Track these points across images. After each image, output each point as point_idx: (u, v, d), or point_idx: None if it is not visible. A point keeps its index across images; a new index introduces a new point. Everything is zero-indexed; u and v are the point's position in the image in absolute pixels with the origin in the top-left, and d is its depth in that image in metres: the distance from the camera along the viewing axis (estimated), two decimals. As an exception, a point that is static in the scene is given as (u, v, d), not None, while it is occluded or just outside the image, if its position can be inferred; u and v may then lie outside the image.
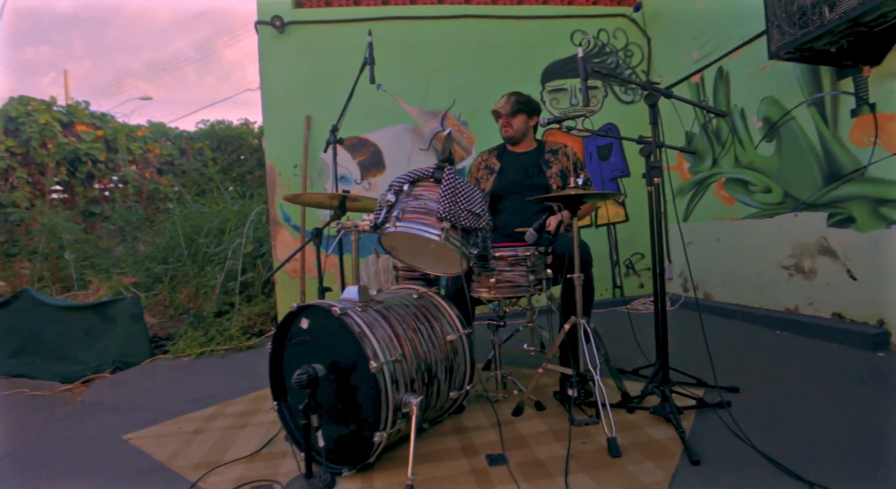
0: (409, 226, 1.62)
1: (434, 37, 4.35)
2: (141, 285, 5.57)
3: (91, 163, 7.93)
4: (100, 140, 8.13)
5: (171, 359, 3.74)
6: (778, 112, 3.15)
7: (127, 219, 7.31)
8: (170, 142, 9.29)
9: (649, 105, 1.85)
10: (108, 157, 8.23)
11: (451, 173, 1.63)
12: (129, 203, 7.69)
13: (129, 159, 8.51)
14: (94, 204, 8.10)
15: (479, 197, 1.72)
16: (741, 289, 3.59)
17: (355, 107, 4.27)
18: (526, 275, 1.96)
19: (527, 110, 2.62)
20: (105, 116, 8.52)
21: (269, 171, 4.13)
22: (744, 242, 3.54)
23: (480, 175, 2.70)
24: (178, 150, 9.29)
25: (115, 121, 8.56)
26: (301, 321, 1.70)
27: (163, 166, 9.03)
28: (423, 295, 1.90)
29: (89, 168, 7.90)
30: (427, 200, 1.66)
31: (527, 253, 1.95)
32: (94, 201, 8.12)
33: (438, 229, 1.61)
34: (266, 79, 4.13)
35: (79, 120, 8.05)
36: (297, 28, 4.17)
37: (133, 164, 8.63)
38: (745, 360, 2.59)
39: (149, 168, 8.90)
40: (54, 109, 7.87)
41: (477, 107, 4.35)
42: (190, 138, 9.49)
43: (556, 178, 2.52)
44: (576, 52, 4.64)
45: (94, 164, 7.97)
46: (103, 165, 8.12)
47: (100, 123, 8.29)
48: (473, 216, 1.66)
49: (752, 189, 3.43)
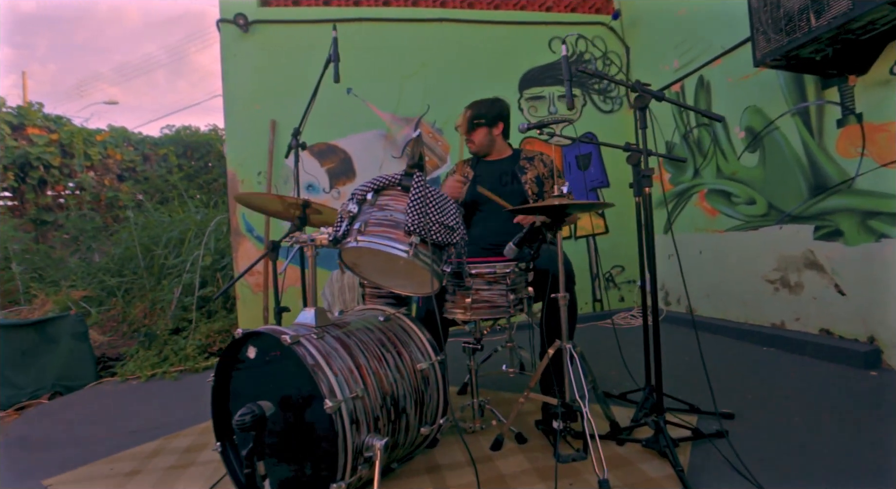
0: (372, 240, 1.41)
1: (408, 40, 4.18)
2: (93, 299, 5.18)
3: (43, 168, 7.46)
4: (54, 144, 7.67)
5: (118, 383, 3.42)
6: (761, 122, 3.06)
7: (81, 227, 6.87)
8: (132, 147, 8.88)
9: (639, 108, 1.70)
10: (64, 162, 7.78)
11: (420, 181, 1.44)
12: (83, 211, 7.24)
13: (87, 165, 8.06)
14: (47, 212, 7.62)
15: (452, 208, 1.53)
16: (725, 303, 3.48)
17: (324, 111, 4.09)
18: (505, 294, 1.77)
19: (486, 122, 2.42)
20: (60, 119, 8.06)
21: (230, 179, 3.87)
22: (727, 255, 3.44)
23: None
24: (140, 156, 8.88)
25: (72, 124, 8.10)
26: (248, 349, 1.47)
27: (124, 173, 8.61)
28: (390, 317, 1.69)
29: (41, 173, 7.43)
30: (394, 211, 1.45)
31: (506, 269, 1.76)
32: (47, 209, 7.64)
33: (406, 244, 1.40)
34: (228, 80, 3.88)
35: (30, 122, 7.58)
36: (263, 27, 3.93)
37: (91, 170, 8.18)
38: (734, 380, 2.45)
39: (108, 174, 8.47)
40: (3, 111, 7.40)
41: (452, 114, 4.17)
42: (154, 144, 9.09)
43: (532, 184, 2.36)
44: (554, 60, 4.55)
45: (46, 170, 7.50)
46: (57, 171, 7.66)
47: (54, 126, 7.83)
48: (446, 229, 1.46)
49: (735, 200, 3.34)
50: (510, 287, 1.78)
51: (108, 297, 5.17)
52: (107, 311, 4.90)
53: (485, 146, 2.44)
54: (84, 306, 4.92)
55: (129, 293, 5.11)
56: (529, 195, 2.33)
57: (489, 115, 2.43)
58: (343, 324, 1.56)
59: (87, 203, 7.88)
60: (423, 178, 1.45)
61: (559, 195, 1.67)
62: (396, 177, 1.48)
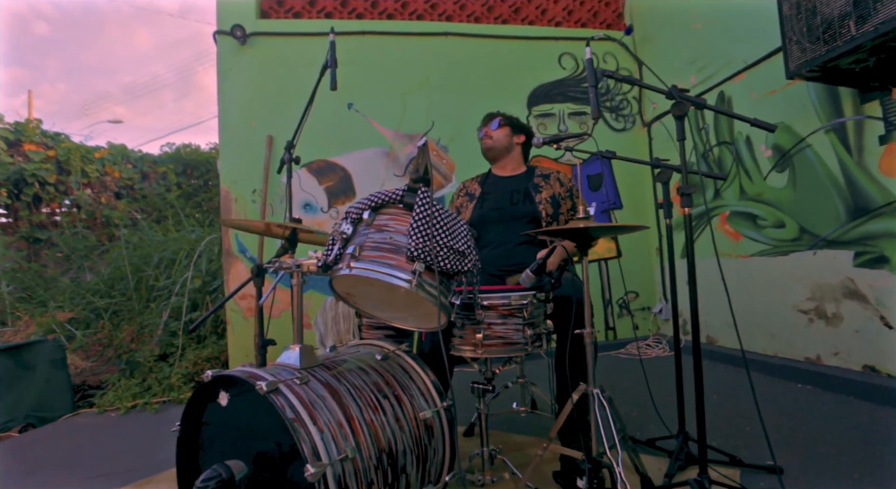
0: (368, 267, 1.19)
1: (412, 55, 4.03)
2: (80, 321, 4.94)
3: (38, 185, 7.31)
4: (50, 161, 7.53)
5: (95, 414, 3.16)
6: (790, 139, 2.86)
7: (73, 246, 6.66)
8: (131, 165, 8.75)
9: (677, 117, 1.49)
10: (60, 179, 7.62)
11: (426, 197, 1.22)
12: (76, 228, 7.04)
13: (84, 182, 7.91)
14: (41, 229, 7.44)
15: (462, 229, 1.31)
16: (751, 334, 3.22)
17: (324, 127, 3.91)
18: (522, 328, 1.53)
19: (511, 124, 2.28)
20: (58, 136, 7.95)
21: (223, 197, 3.67)
22: (753, 282, 3.19)
23: (460, 202, 2.31)
24: (139, 174, 8.76)
25: (70, 141, 7.99)
26: (220, 395, 1.23)
27: (121, 190, 8.46)
28: (388, 355, 1.45)
29: (36, 190, 7.27)
30: (394, 233, 1.23)
31: (523, 301, 1.53)
32: (41, 226, 7.46)
33: (408, 272, 1.18)
34: (224, 94, 3.71)
35: (27, 139, 7.46)
36: (261, 40, 3.79)
37: (88, 188, 8.03)
38: (772, 422, 2.18)
39: (105, 192, 8.32)
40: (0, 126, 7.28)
41: (458, 131, 4.00)
42: (153, 162, 8.98)
43: (547, 205, 2.14)
44: (564, 76, 4.40)
45: (41, 186, 7.35)
46: (53, 188, 7.50)
47: (52, 143, 7.71)
48: (456, 255, 1.24)
49: (761, 223, 3.11)
50: (527, 321, 1.54)
51: (96, 319, 4.93)
52: (93, 335, 4.65)
53: (502, 147, 2.26)
54: (69, 329, 4.68)
55: (117, 315, 4.87)
56: (543, 217, 2.11)
57: (516, 123, 2.31)
58: (333, 364, 1.32)
59: (82, 221, 7.71)
60: (429, 193, 1.23)
61: (584, 217, 1.45)
62: (398, 193, 1.27)
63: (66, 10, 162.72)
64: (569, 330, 1.59)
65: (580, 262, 1.58)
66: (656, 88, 1.59)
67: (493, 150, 2.27)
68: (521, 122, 2.36)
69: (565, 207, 2.19)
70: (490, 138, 2.27)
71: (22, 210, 7.28)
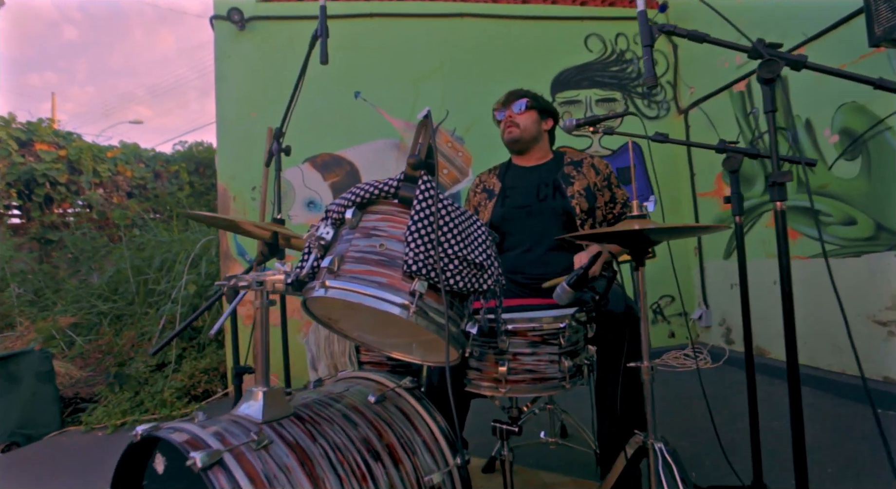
0: (349, 287, 0.86)
1: (425, 38, 3.69)
2: (82, 326, 4.75)
3: (49, 185, 7.19)
4: (62, 160, 7.42)
5: (82, 433, 2.92)
6: (864, 122, 2.45)
7: (81, 247, 6.51)
8: (143, 164, 8.62)
9: (765, 81, 1.13)
10: (71, 179, 7.51)
11: (429, 189, 0.89)
12: (84, 229, 6.90)
13: (96, 182, 7.79)
14: (52, 230, 7.33)
15: (480, 233, 0.97)
16: (812, 347, 2.82)
17: (329, 118, 3.60)
18: (557, 359, 1.19)
19: (538, 107, 1.91)
20: (70, 135, 7.84)
21: (220, 195, 3.39)
22: (815, 288, 2.78)
23: (477, 200, 1.97)
24: (151, 173, 8.62)
25: (81, 140, 7.87)
26: (156, 458, 0.92)
27: (133, 190, 8.33)
28: (385, 396, 1.12)
29: (47, 190, 7.16)
30: (386, 238, 0.90)
31: (559, 324, 1.19)
32: (53, 227, 7.35)
33: (404, 294, 0.85)
34: (222, 84, 3.43)
35: (39, 138, 7.35)
36: (261, 25, 3.49)
37: (100, 187, 7.92)
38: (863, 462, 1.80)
39: (118, 192, 8.20)
40: (13, 127, 7.18)
41: (475, 120, 3.65)
42: (166, 161, 8.83)
43: (581, 199, 1.78)
44: (591, 59, 4.01)
45: (53, 187, 7.23)
46: (64, 188, 7.38)
47: (63, 143, 7.60)
48: (471, 268, 0.91)
49: (826, 220, 2.70)
50: (564, 349, 1.19)
51: (99, 324, 4.73)
52: (93, 341, 4.44)
53: (530, 136, 1.90)
54: (70, 335, 4.48)
55: (119, 320, 4.66)
56: (577, 213, 1.76)
57: (545, 105, 1.94)
58: (309, 414, 0.99)
59: (94, 221, 7.59)
60: (434, 183, 0.90)
61: (641, 215, 1.10)
62: (391, 184, 0.93)
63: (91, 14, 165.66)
64: (617, 360, 1.24)
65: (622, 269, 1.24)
66: (733, 45, 1.23)
67: (519, 142, 1.90)
68: (549, 103, 1.99)
69: (602, 200, 1.83)
70: (516, 125, 1.88)
71: (34, 210, 7.18)
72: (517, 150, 1.95)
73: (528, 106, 1.90)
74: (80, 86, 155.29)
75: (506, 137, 1.92)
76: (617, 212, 1.84)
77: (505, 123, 1.91)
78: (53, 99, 17.82)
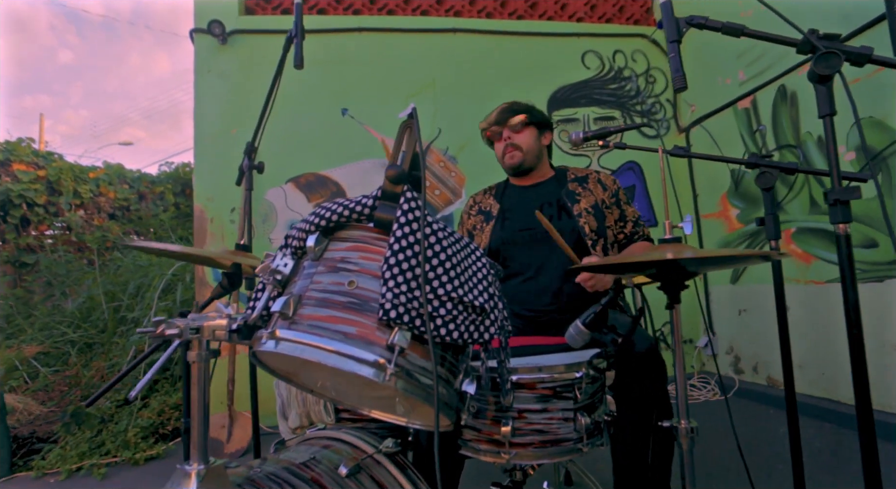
0: (306, 339, 0.64)
1: (416, 54, 3.55)
2: (50, 356, 4.45)
3: (27, 206, 6.94)
4: (40, 181, 7.19)
5: (33, 479, 2.62)
6: (884, 138, 2.30)
7: (55, 271, 6.22)
8: (127, 185, 8.39)
9: (820, 79, 0.95)
10: (50, 200, 7.27)
11: (413, 208, 0.68)
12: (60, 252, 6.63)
13: (76, 203, 7.55)
14: (28, 253, 7.05)
15: (480, 265, 0.77)
16: (829, 378, 2.62)
17: (314, 136, 3.40)
18: (572, 416, 0.98)
19: (536, 122, 1.73)
20: (50, 155, 7.63)
21: (197, 217, 3.17)
22: (831, 314, 2.60)
23: (472, 223, 1.77)
24: (136, 195, 8.39)
25: (62, 160, 7.66)
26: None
27: (116, 211, 8.09)
28: (359, 467, 0.89)
29: (24, 212, 6.90)
30: (359, 274, 0.69)
31: (574, 373, 0.97)
32: (29, 250, 7.07)
33: (379, 349, 0.64)
34: (201, 99, 3.25)
35: (17, 158, 7.13)
36: (243, 39, 3.34)
37: (81, 209, 7.67)
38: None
39: (99, 213, 7.95)
40: (-10, 147, 6.97)
41: (468, 139, 3.49)
42: (151, 182, 8.62)
43: (589, 217, 1.59)
44: (589, 77, 3.89)
45: (30, 208, 6.98)
46: (42, 209, 7.13)
47: (43, 163, 7.38)
48: (470, 313, 0.70)
49: (843, 242, 2.53)
50: (580, 404, 0.98)
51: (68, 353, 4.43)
52: (60, 372, 4.14)
53: (532, 156, 1.70)
54: (35, 365, 4.19)
55: (90, 349, 4.37)
56: (587, 233, 1.56)
57: (542, 118, 1.73)
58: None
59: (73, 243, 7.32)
60: (421, 202, 0.70)
61: (674, 239, 0.90)
62: (366, 202, 0.73)
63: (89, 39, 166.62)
64: (641, 411, 1.03)
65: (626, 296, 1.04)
66: (778, 38, 1.06)
67: (523, 166, 1.70)
68: (545, 115, 1.81)
69: (612, 218, 1.64)
70: (518, 149, 1.67)
71: (8, 232, 6.91)
72: (518, 174, 1.76)
73: (526, 122, 1.71)
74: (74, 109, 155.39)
75: (507, 163, 1.71)
76: (629, 231, 1.66)
77: (504, 147, 1.70)
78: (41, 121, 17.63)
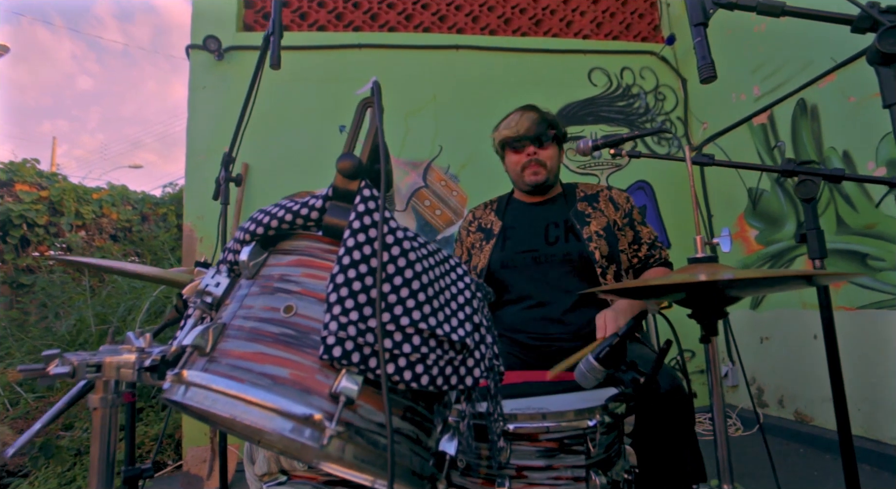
0: (221, 386, 0.47)
1: (417, 70, 3.45)
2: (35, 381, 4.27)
3: (27, 226, 6.89)
4: (42, 201, 7.16)
5: (-4, 519, 2.42)
6: (919, 152, 2.13)
7: (50, 292, 6.10)
8: (131, 206, 8.36)
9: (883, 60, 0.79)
10: (52, 220, 7.23)
11: (370, 209, 0.52)
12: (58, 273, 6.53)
13: (78, 224, 7.51)
14: (28, 273, 6.97)
15: (461, 287, 0.60)
16: (866, 414, 2.38)
17: (309, 153, 3.26)
18: (584, 475, 0.79)
19: (558, 137, 1.58)
20: (54, 176, 7.63)
21: (186, 236, 3.04)
22: (866, 343, 2.38)
23: (471, 241, 1.60)
24: (138, 216, 8.35)
25: (66, 181, 7.65)
26: None
27: (118, 232, 8.03)
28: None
29: (24, 232, 6.84)
30: (300, 296, 0.53)
31: (586, 421, 0.79)
32: (28, 270, 6.99)
33: (319, 399, 0.46)
34: (194, 116, 3.16)
35: (20, 179, 7.12)
36: (240, 55, 3.26)
37: (82, 230, 7.62)
38: None
39: (101, 234, 7.89)
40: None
41: (470, 157, 3.36)
42: (155, 203, 8.58)
43: (600, 241, 1.42)
44: (596, 94, 3.76)
45: (30, 228, 6.93)
46: (43, 230, 7.09)
47: (46, 183, 7.36)
48: (443, 347, 0.53)
49: (874, 265, 2.33)
50: (593, 459, 0.79)
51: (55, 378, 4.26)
52: (43, 398, 3.96)
53: (554, 173, 1.58)
54: (17, 391, 4.01)
55: (77, 374, 4.20)
56: (597, 259, 1.39)
57: (560, 130, 1.58)
58: None
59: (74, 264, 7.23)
60: (380, 202, 0.53)
61: (709, 257, 0.73)
62: (314, 203, 0.57)
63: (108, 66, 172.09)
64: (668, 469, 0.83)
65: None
66: (828, 15, 0.91)
67: (545, 185, 1.56)
68: (562, 125, 1.66)
69: (625, 241, 1.47)
70: (543, 166, 1.53)
71: (7, 253, 6.84)
72: (540, 192, 1.60)
73: (552, 137, 1.56)
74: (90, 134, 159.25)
75: (530, 180, 1.55)
76: (643, 254, 1.48)
77: (528, 162, 1.54)
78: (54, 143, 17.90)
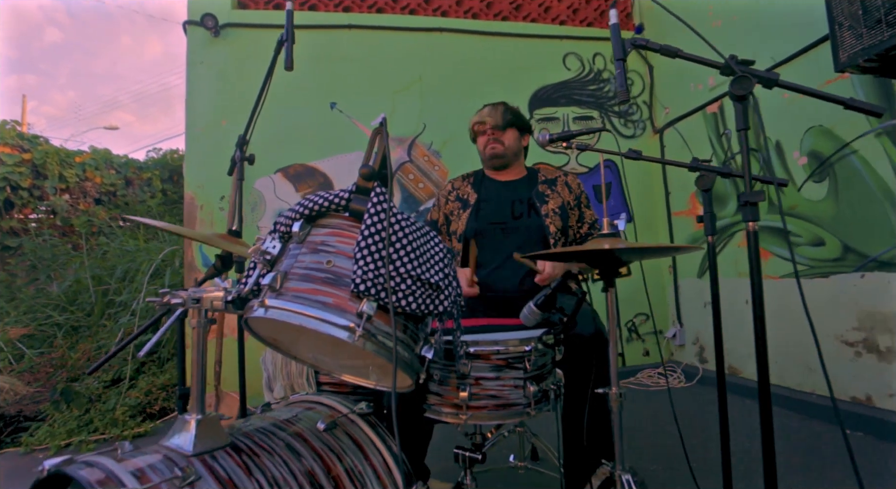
0: (291, 307, 0.79)
1: (404, 51, 3.67)
2: (35, 338, 4.52)
3: (11, 189, 6.93)
4: (25, 164, 7.17)
5: (20, 455, 2.72)
6: (831, 145, 2.49)
7: (40, 254, 6.24)
8: (114, 170, 8.38)
9: (737, 98, 1.11)
10: (35, 183, 7.26)
11: (381, 201, 0.83)
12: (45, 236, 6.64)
13: (62, 187, 7.54)
14: (12, 236, 7.04)
15: (438, 250, 0.91)
16: (782, 367, 2.82)
17: (303, 128, 3.52)
18: (522, 384, 1.13)
19: (519, 125, 1.90)
20: (36, 139, 7.59)
21: (187, 204, 3.27)
22: (785, 307, 2.79)
23: (450, 209, 1.92)
24: (122, 180, 8.38)
25: (48, 143, 7.62)
26: (69, 494, 0.82)
27: (102, 196, 8.08)
28: (335, 423, 1.04)
29: (7, 194, 6.88)
30: (335, 254, 0.84)
31: (524, 347, 1.13)
32: (12, 233, 7.06)
33: (351, 316, 0.78)
34: (193, 90, 3.34)
35: (1, 141, 7.09)
36: (236, 32, 3.42)
37: (66, 193, 7.66)
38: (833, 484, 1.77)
39: (85, 198, 7.94)
40: (-27, 129, 6.93)
41: (451, 135, 3.63)
42: (138, 168, 8.60)
43: (555, 217, 1.76)
44: (569, 77, 4.04)
45: (14, 191, 6.97)
46: (27, 192, 7.12)
47: (28, 146, 7.34)
48: (426, 289, 0.85)
49: (795, 241, 2.72)
50: (529, 374, 1.14)
51: (54, 336, 4.50)
52: (45, 354, 4.22)
53: (512, 153, 1.90)
54: (20, 347, 4.25)
55: (76, 331, 4.45)
56: (551, 232, 1.72)
57: (522, 121, 1.93)
58: (247, 446, 0.91)
59: (58, 228, 7.33)
60: (387, 195, 0.84)
61: (612, 233, 1.05)
62: (342, 195, 0.87)
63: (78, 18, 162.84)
64: (585, 385, 1.19)
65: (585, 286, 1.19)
66: (705, 60, 1.22)
67: (503, 158, 1.89)
68: (526, 119, 1.99)
69: (573, 219, 1.80)
70: (500, 143, 1.87)
71: (-9, 216, 6.90)
72: (497, 166, 1.92)
73: (511, 123, 1.89)
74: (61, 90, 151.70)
75: (488, 152, 1.89)
76: (584, 232, 1.83)
77: (488, 139, 1.88)
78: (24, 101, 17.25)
